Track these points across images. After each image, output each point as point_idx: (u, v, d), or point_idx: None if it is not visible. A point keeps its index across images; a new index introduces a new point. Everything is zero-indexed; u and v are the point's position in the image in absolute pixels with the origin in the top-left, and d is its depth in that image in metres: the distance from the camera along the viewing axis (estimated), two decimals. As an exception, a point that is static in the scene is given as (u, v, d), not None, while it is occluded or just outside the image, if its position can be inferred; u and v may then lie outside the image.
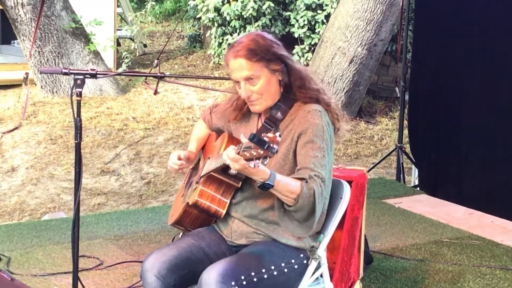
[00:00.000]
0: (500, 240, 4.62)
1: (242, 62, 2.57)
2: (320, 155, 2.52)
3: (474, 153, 5.35)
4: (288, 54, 2.66)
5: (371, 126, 8.38)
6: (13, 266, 4.01)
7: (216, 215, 2.68)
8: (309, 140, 2.54)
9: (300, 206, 2.46)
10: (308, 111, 2.59)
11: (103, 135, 7.32)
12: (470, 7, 5.28)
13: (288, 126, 2.62)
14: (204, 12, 9.64)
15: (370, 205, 5.24)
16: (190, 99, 8.58)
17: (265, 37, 2.63)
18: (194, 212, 2.72)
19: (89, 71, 2.74)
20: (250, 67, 2.57)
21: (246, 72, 2.57)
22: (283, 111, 2.64)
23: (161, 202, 5.98)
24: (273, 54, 2.59)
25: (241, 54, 2.57)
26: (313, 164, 2.50)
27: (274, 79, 2.61)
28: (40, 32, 8.12)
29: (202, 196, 2.64)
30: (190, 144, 3.00)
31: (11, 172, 6.53)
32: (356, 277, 3.42)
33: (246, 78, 2.58)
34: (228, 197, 2.66)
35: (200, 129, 3.04)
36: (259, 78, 2.58)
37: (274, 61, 2.59)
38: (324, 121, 2.58)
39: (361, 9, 7.84)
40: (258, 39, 2.60)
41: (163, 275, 2.53)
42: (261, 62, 2.57)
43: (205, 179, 2.66)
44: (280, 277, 2.55)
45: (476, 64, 5.26)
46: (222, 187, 2.65)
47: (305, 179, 2.47)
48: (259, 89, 2.59)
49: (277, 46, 2.63)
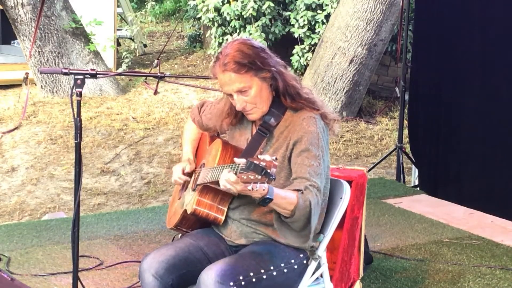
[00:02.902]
0: (500, 240, 4.62)
1: (232, 76, 2.54)
2: (315, 163, 2.51)
3: (474, 153, 5.34)
4: (275, 59, 2.62)
5: (371, 126, 8.38)
6: (13, 266, 4.01)
7: (215, 221, 2.68)
8: (304, 148, 2.53)
9: (297, 218, 2.45)
10: (303, 118, 2.58)
11: (103, 135, 7.32)
12: (470, 7, 5.28)
13: (283, 132, 2.60)
14: (204, 12, 9.64)
15: (370, 205, 5.23)
16: (190, 99, 8.59)
17: (251, 45, 2.58)
18: (192, 218, 2.73)
19: (89, 71, 2.74)
20: (240, 80, 2.54)
21: (237, 85, 2.55)
22: (277, 116, 2.62)
23: (161, 202, 5.98)
24: (261, 63, 2.55)
25: (229, 68, 2.53)
26: (309, 173, 2.49)
27: (265, 86, 2.59)
28: (40, 32, 8.12)
29: (200, 205, 2.65)
30: (185, 147, 2.99)
31: (11, 172, 6.53)
32: (356, 277, 3.42)
33: (238, 91, 2.56)
34: (225, 204, 2.66)
35: (191, 130, 3.02)
36: (250, 88, 2.56)
37: (262, 69, 2.56)
38: (319, 127, 2.57)
39: (361, 9, 7.85)
40: (244, 49, 2.55)
41: (160, 275, 2.53)
42: (250, 72, 2.54)
43: (202, 188, 2.66)
44: (279, 277, 2.55)
45: (476, 64, 5.26)
46: (218, 196, 2.65)
47: (301, 190, 2.45)
48: (252, 98, 2.57)
49: (263, 53, 2.58)
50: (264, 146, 2.62)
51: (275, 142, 2.60)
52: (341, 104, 8.26)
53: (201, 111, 2.96)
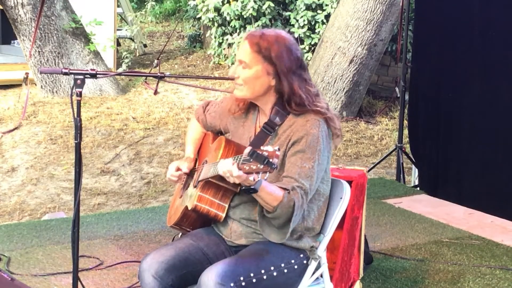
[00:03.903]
0: (500, 240, 4.62)
1: (246, 47, 2.62)
2: (308, 165, 2.52)
3: (474, 153, 5.34)
4: (296, 71, 2.64)
5: (371, 126, 8.38)
6: (13, 266, 4.01)
7: (216, 218, 2.68)
8: (300, 149, 2.54)
9: (278, 215, 2.46)
10: (307, 120, 2.59)
11: (103, 135, 7.32)
12: (470, 7, 5.28)
13: (286, 131, 2.62)
14: (204, 12, 9.64)
15: (370, 205, 5.23)
16: (190, 99, 8.59)
17: (284, 43, 2.62)
18: (193, 215, 2.73)
19: (89, 71, 2.73)
20: (248, 55, 2.61)
21: (243, 57, 2.62)
22: (282, 116, 2.64)
23: (161, 202, 5.98)
24: (275, 57, 2.58)
25: (250, 41, 2.61)
26: (298, 174, 2.50)
27: (264, 79, 2.61)
28: (40, 32, 8.12)
29: (201, 201, 2.65)
30: (187, 147, 2.99)
31: (11, 172, 6.53)
32: (356, 277, 3.42)
33: (240, 61, 2.64)
34: (226, 201, 2.66)
35: (195, 130, 3.02)
36: (250, 67, 2.60)
37: (271, 62, 2.59)
38: (321, 131, 2.58)
39: (361, 9, 7.84)
40: (274, 39, 2.61)
41: (160, 276, 2.53)
42: (260, 56, 2.59)
43: (203, 184, 2.66)
44: (279, 277, 2.55)
45: (476, 64, 5.26)
46: (220, 192, 2.65)
47: (288, 190, 2.46)
48: (245, 78, 2.62)
49: (286, 53, 2.61)
50: (267, 144, 2.63)
51: (277, 140, 2.61)
52: (341, 104, 8.26)
53: (206, 110, 2.98)
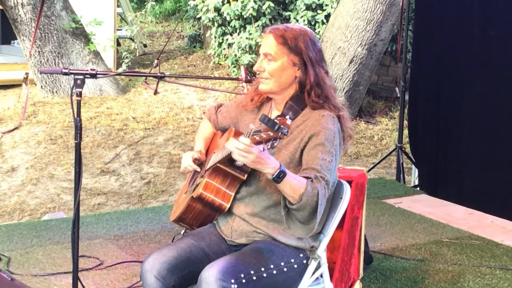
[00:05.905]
0: (500, 240, 4.62)
1: (271, 40, 2.65)
2: (328, 159, 2.53)
3: (474, 153, 5.35)
4: (319, 62, 2.66)
5: (371, 126, 8.38)
6: (13, 266, 4.01)
7: (220, 208, 2.67)
8: (320, 142, 2.55)
9: (303, 205, 2.44)
10: (322, 115, 2.60)
11: (103, 135, 7.32)
12: (470, 7, 5.28)
13: (299, 126, 2.63)
14: (204, 12, 9.64)
15: (370, 205, 5.24)
16: (190, 99, 8.59)
17: (308, 35, 2.65)
18: (197, 206, 2.71)
19: (89, 71, 2.74)
20: (274, 47, 2.63)
21: (268, 50, 2.64)
22: (295, 111, 2.66)
23: (161, 202, 5.98)
24: (301, 48, 2.62)
25: (275, 34, 2.64)
26: (320, 166, 2.51)
27: (290, 71, 2.64)
28: (40, 32, 8.12)
29: (207, 189, 2.64)
30: (197, 143, 3.00)
31: (11, 172, 6.53)
32: (356, 277, 3.42)
33: (265, 54, 2.66)
34: (233, 190, 2.65)
35: (206, 128, 3.04)
36: (276, 60, 2.63)
37: (297, 53, 2.63)
38: (336, 127, 2.60)
39: (361, 9, 7.84)
40: (301, 33, 2.64)
41: (163, 276, 2.53)
42: (285, 47, 2.62)
43: (211, 172, 2.66)
44: (279, 276, 2.55)
45: (476, 64, 5.26)
46: (227, 179, 2.65)
47: (311, 178, 2.47)
48: (271, 70, 2.64)
49: (312, 48, 2.64)
50: None
51: (289, 135, 2.61)
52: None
53: (218, 111, 3.01)
